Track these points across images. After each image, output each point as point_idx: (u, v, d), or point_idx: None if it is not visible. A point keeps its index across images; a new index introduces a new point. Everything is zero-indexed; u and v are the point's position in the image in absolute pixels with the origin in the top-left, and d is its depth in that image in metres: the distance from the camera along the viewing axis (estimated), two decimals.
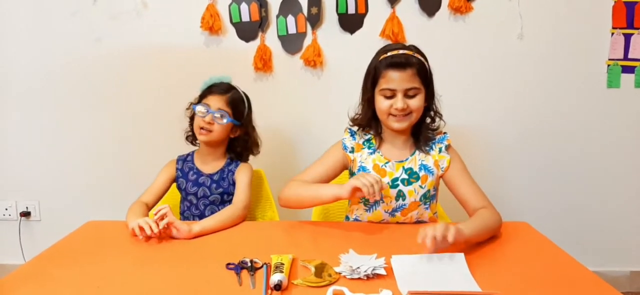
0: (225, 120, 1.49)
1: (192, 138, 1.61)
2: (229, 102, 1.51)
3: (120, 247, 1.15)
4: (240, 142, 1.58)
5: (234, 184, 1.54)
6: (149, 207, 1.47)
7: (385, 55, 1.29)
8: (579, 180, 2.16)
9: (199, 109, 1.48)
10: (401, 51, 1.28)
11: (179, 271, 1.02)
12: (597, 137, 2.12)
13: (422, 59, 1.30)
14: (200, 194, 1.53)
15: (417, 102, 1.28)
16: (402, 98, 1.26)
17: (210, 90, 1.52)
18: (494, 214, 1.26)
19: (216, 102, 1.49)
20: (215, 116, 1.47)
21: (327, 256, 1.05)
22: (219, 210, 1.45)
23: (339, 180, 1.55)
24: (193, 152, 1.61)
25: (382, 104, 1.30)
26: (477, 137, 2.10)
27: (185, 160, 1.59)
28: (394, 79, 1.26)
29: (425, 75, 1.29)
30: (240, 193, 1.47)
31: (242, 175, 1.53)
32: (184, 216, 1.58)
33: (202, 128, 1.48)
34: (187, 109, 1.58)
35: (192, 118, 1.57)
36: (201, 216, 1.51)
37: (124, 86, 2.11)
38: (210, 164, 1.56)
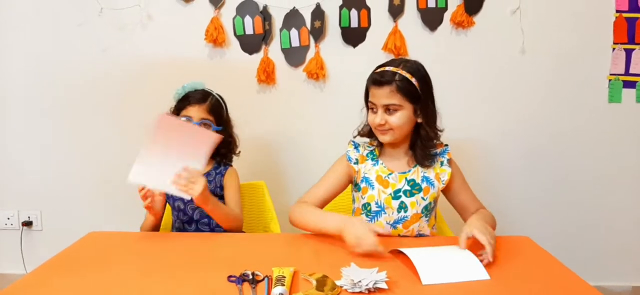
0: (210, 130, 1.47)
1: None
2: (211, 110, 1.51)
3: (122, 259, 1.15)
4: (224, 144, 1.55)
5: (220, 186, 1.55)
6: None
7: (374, 71, 1.35)
8: (580, 195, 2.16)
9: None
10: (387, 68, 1.31)
11: (181, 283, 1.02)
12: (598, 151, 2.12)
13: (407, 75, 1.28)
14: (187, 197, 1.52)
15: (396, 119, 1.30)
16: (381, 113, 1.31)
17: (188, 101, 1.50)
18: (490, 213, 1.40)
19: (197, 112, 1.48)
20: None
21: (328, 269, 1.05)
22: (207, 213, 1.45)
23: (345, 193, 1.55)
24: None
25: (369, 117, 1.37)
26: (478, 150, 2.11)
27: None
28: (375, 94, 1.31)
29: (409, 93, 1.28)
30: (234, 202, 1.50)
31: (232, 183, 1.55)
32: (175, 227, 1.57)
33: None
34: None
35: None
36: (190, 221, 1.51)
37: (128, 97, 2.13)
38: None
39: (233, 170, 1.60)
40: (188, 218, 1.53)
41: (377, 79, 1.30)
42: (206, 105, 1.50)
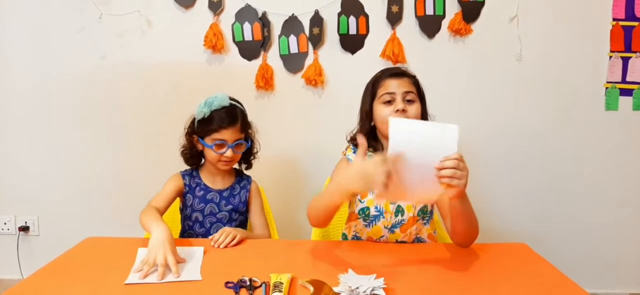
0: (244, 148, 1.50)
1: (194, 161, 1.55)
2: (242, 128, 1.48)
3: (119, 264, 1.14)
4: (247, 152, 1.56)
5: (245, 201, 1.54)
6: (160, 214, 1.39)
7: (382, 71, 1.40)
8: (577, 202, 2.16)
9: (217, 144, 1.43)
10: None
11: (178, 289, 1.02)
12: (595, 159, 2.13)
13: (417, 77, 1.40)
14: (207, 211, 1.50)
15: (414, 110, 1.33)
16: (401, 100, 1.31)
17: (220, 124, 1.42)
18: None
19: (232, 135, 1.44)
20: (235, 149, 1.46)
21: (326, 276, 1.05)
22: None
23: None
24: (197, 168, 1.57)
25: (382, 111, 1.33)
26: (474, 157, 2.10)
27: (191, 175, 1.54)
28: (393, 85, 1.33)
29: (420, 91, 1.38)
30: (260, 223, 1.53)
31: (259, 197, 1.58)
32: (185, 236, 1.53)
33: (222, 161, 1.46)
34: (188, 136, 1.52)
35: (190, 138, 1.51)
36: (206, 234, 1.48)
37: (126, 102, 2.13)
38: (219, 181, 1.53)
39: (256, 187, 1.59)
40: (205, 231, 1.50)
41: (399, 72, 1.37)
42: (238, 126, 1.45)
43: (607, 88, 2.09)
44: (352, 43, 2.07)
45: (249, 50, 2.07)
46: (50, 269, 1.12)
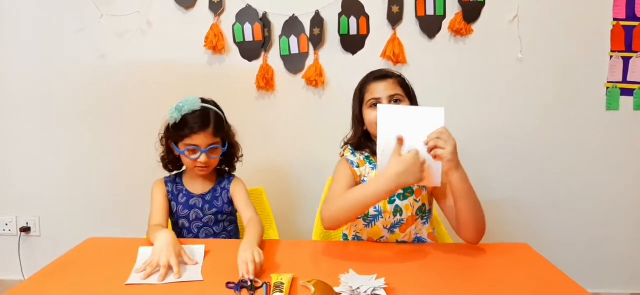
0: (219, 153, 1.45)
1: (173, 167, 1.52)
2: (216, 132, 1.42)
3: (121, 265, 1.15)
4: (227, 155, 1.51)
5: (228, 202, 1.50)
6: (165, 227, 1.38)
7: (367, 75, 1.43)
8: (577, 202, 2.16)
9: (189, 150, 1.39)
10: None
11: (180, 290, 1.02)
12: (596, 159, 2.13)
13: (402, 75, 1.41)
14: (192, 216, 1.47)
15: None
16: (387, 104, 1.32)
17: (189, 127, 1.38)
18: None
19: (204, 139, 1.39)
20: (210, 154, 1.41)
21: (327, 276, 1.05)
22: (214, 231, 1.46)
23: None
24: (180, 173, 1.54)
25: (370, 116, 1.35)
26: (475, 157, 2.11)
27: (173, 182, 1.51)
28: (378, 89, 1.36)
29: (407, 89, 1.39)
30: (250, 210, 1.42)
31: (239, 191, 1.49)
32: None
33: (198, 167, 1.42)
34: (162, 142, 1.50)
35: (167, 144, 1.48)
36: (195, 239, 1.47)
37: (126, 103, 2.13)
38: (200, 185, 1.50)
39: (238, 181, 1.53)
40: (193, 236, 1.48)
41: (382, 74, 1.39)
42: (211, 130, 1.40)
43: (608, 88, 2.09)
44: (352, 43, 2.07)
45: (249, 51, 2.07)
46: (51, 269, 1.13)
